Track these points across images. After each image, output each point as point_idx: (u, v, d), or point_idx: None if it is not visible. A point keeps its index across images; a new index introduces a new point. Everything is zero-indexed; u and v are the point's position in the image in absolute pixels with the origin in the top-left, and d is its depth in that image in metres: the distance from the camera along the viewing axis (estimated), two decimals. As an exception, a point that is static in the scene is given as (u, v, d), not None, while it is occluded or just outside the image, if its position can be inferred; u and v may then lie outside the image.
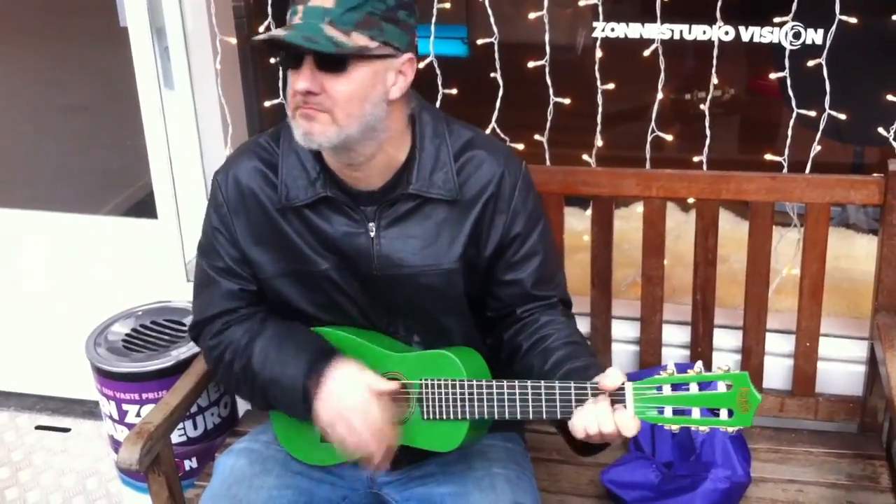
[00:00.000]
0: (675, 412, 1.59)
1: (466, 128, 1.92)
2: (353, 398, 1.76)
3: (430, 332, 1.93)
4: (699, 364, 1.61)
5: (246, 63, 3.03)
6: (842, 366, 2.46)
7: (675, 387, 1.59)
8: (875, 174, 2.27)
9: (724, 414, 1.58)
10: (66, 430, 3.30)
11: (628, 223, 2.85)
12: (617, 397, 1.63)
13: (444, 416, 1.80)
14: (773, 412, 2.43)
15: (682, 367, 1.61)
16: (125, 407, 2.56)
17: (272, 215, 1.88)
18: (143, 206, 3.24)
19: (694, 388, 1.58)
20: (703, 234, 2.37)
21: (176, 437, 2.51)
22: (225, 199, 1.91)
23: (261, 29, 2.69)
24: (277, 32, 1.66)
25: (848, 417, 2.41)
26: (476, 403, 1.77)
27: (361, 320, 1.93)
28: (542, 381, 1.71)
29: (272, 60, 2.73)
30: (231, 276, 1.93)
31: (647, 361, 2.47)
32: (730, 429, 1.58)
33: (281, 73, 2.60)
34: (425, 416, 1.82)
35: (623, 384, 1.62)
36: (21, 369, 3.41)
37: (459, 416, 1.80)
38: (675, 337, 2.51)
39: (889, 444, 2.35)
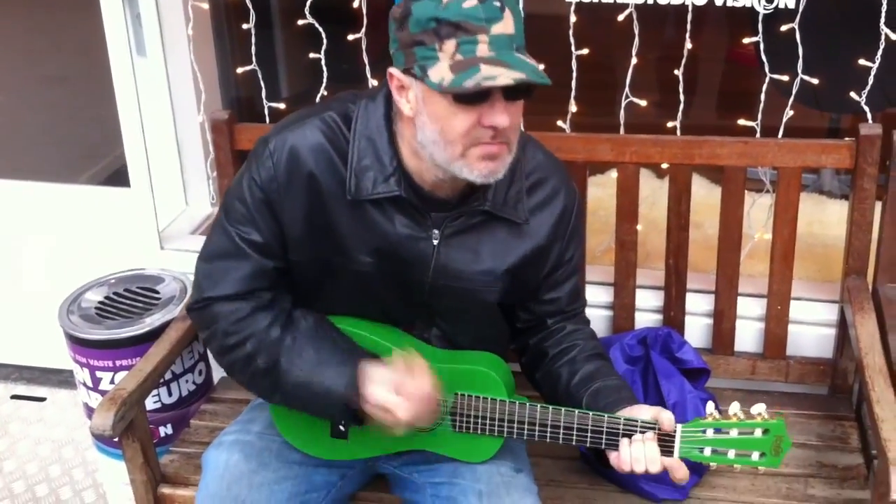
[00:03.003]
0: (714, 452, 1.72)
1: (538, 147, 1.91)
2: (388, 399, 1.73)
3: (460, 335, 1.91)
4: (736, 405, 1.70)
5: (219, 29, 3.01)
6: (812, 329, 2.48)
7: (716, 429, 1.71)
8: (847, 138, 2.28)
9: (755, 455, 1.71)
10: (42, 399, 3.30)
11: (603, 190, 2.85)
12: (665, 438, 1.71)
13: (479, 432, 1.83)
14: (745, 375, 2.46)
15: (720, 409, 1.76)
16: (99, 374, 2.55)
17: (325, 200, 1.76)
18: (120, 176, 3.22)
19: (734, 432, 1.70)
20: (676, 198, 2.38)
21: (151, 404, 2.51)
22: (275, 169, 1.76)
23: None
24: (507, 75, 1.54)
25: (818, 380, 2.44)
26: (517, 425, 1.81)
27: (378, 315, 1.89)
28: (590, 412, 1.75)
29: (244, 26, 2.70)
30: (266, 253, 1.80)
31: (621, 326, 2.48)
32: (759, 468, 1.72)
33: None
34: (457, 429, 1.84)
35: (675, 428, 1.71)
36: (-4, 339, 3.40)
37: (496, 434, 1.82)
38: (648, 301, 2.52)
39: (859, 406, 2.38)
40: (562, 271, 1.93)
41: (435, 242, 1.80)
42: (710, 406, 1.73)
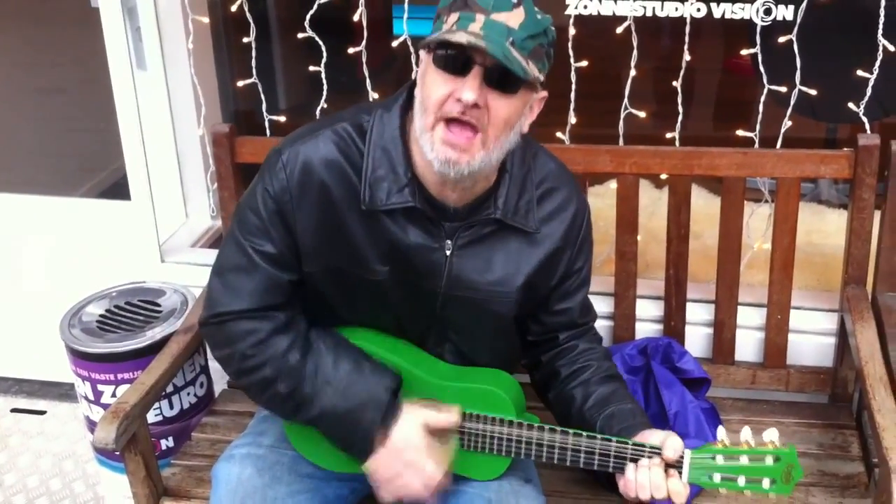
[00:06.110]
0: (723, 478, 1.69)
1: (549, 156, 1.92)
2: (412, 454, 1.76)
3: (473, 350, 1.91)
4: (747, 431, 1.68)
5: (219, 43, 3.02)
6: (812, 338, 2.49)
7: (727, 456, 1.68)
8: (845, 148, 2.29)
9: (766, 482, 1.68)
10: (42, 412, 3.29)
11: (603, 200, 2.86)
12: (673, 464, 1.69)
13: (487, 451, 1.82)
14: (745, 384, 2.46)
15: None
16: (100, 388, 2.55)
17: (338, 210, 1.77)
18: (119, 189, 3.23)
19: (744, 458, 1.67)
20: (675, 209, 2.39)
21: (152, 417, 2.51)
22: (288, 181, 1.76)
23: (233, 8, 2.67)
24: (475, 40, 1.56)
25: (819, 388, 2.45)
26: (524, 446, 1.80)
27: (392, 327, 1.89)
28: (599, 435, 1.75)
29: (245, 40, 2.71)
30: (280, 265, 1.80)
31: (621, 336, 2.49)
32: (771, 495, 1.69)
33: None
34: (465, 448, 1.83)
35: (682, 454, 1.68)
36: (-4, 353, 3.40)
37: (504, 454, 1.82)
38: (648, 311, 2.53)
39: (859, 414, 2.38)
40: (572, 281, 1.93)
41: (448, 253, 1.80)
42: (721, 432, 1.71)
